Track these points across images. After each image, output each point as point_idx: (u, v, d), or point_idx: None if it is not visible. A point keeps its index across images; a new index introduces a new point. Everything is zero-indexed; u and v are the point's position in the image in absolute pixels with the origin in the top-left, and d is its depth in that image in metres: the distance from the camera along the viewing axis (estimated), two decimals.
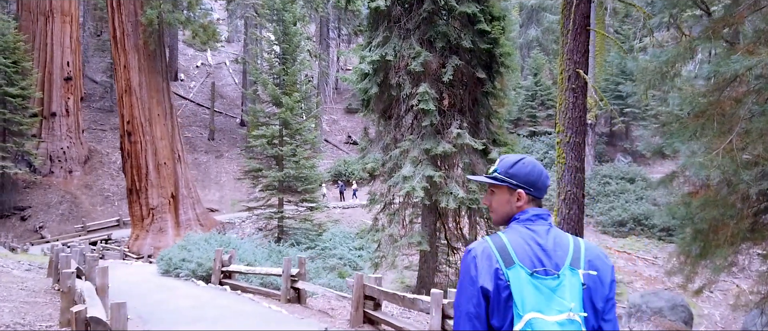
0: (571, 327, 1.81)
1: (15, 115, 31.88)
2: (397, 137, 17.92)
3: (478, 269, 1.92)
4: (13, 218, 32.87)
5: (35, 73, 34.65)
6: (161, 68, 26.03)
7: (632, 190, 29.31)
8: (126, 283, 10.60)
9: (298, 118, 25.37)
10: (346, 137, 45.52)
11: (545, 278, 1.86)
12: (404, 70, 16.96)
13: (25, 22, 37.03)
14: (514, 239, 1.95)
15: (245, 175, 26.08)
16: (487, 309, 1.90)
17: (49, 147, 36.27)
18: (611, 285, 1.98)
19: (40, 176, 35.19)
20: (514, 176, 2.09)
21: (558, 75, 13.27)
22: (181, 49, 56.81)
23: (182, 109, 47.79)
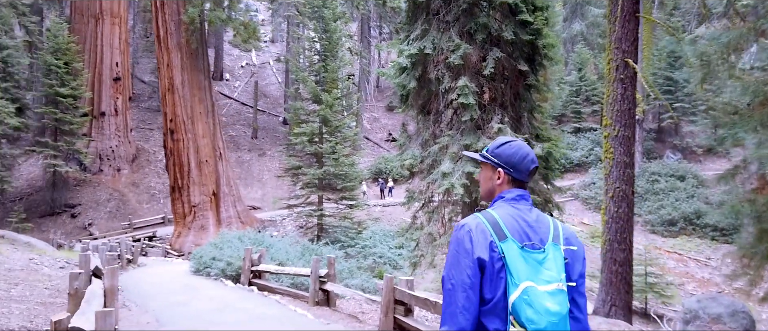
0: (560, 296, 1.95)
1: (66, 115, 32.71)
2: (436, 133, 17.45)
3: (473, 242, 2.01)
4: (63, 215, 33.78)
5: (86, 73, 35.55)
6: (203, 67, 26.22)
7: (682, 187, 28.09)
8: (153, 283, 10.48)
9: (337, 116, 25.15)
10: (387, 135, 45.21)
11: (533, 251, 2.00)
12: (443, 63, 16.47)
13: (77, 24, 38.11)
14: (503, 216, 2.07)
15: (286, 172, 26.04)
16: (481, 280, 2.00)
17: (98, 146, 37.18)
18: (583, 262, 2.15)
19: (89, 174, 36.09)
20: (497, 155, 2.24)
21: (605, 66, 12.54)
22: (227, 50, 57.57)
23: (227, 108, 48.38)
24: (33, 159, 35.86)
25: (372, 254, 22.75)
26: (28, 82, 34.37)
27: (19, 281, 8.46)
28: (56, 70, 32.30)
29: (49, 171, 33.64)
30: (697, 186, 28.08)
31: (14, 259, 11.35)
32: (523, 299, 1.92)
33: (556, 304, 1.94)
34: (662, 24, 15.00)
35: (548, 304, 1.92)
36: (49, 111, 32.04)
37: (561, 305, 1.95)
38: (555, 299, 1.94)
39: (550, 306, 1.92)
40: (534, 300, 1.91)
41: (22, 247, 16.62)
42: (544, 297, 1.93)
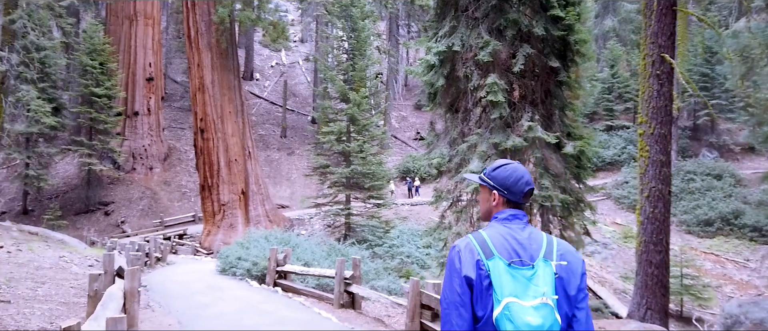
0: (544, 310, 1.99)
1: (100, 114, 33.32)
2: (465, 131, 17.18)
3: (461, 261, 2.13)
4: (97, 213, 34.40)
5: (120, 73, 36.16)
6: (233, 66, 26.39)
7: (719, 187, 27.29)
8: (179, 282, 10.47)
9: (365, 114, 25.02)
10: (415, 133, 44.98)
11: (521, 268, 2.06)
12: (472, 60, 16.21)
13: (112, 25, 38.85)
14: (493, 235, 2.17)
15: (314, 171, 26.03)
16: (471, 298, 2.10)
17: (131, 145, 37.79)
18: (582, 276, 2.18)
19: (123, 172, 36.71)
20: (493, 178, 2.32)
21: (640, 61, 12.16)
22: (257, 50, 58.06)
23: (256, 107, 48.73)
24: (69, 158, 36.61)
25: (399, 253, 22.55)
26: (65, 82, 35.08)
27: (47, 279, 8.53)
28: (92, 70, 32.91)
29: (84, 169, 34.31)
30: (734, 185, 27.26)
31: (45, 257, 11.50)
32: (505, 315, 2.00)
33: (539, 317, 1.99)
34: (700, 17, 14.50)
35: (529, 318, 1.98)
36: (85, 110, 32.67)
37: (545, 318, 2.00)
38: (538, 312, 1.99)
39: (530, 320, 1.98)
40: (514, 315, 1.98)
41: (55, 244, 16.90)
42: (527, 312, 1.99)
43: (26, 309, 6.00)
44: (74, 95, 34.10)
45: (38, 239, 17.53)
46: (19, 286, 7.56)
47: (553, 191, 15.10)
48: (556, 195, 14.91)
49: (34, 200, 34.40)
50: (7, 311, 5.75)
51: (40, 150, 30.53)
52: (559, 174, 15.74)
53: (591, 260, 23.42)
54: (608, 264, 23.18)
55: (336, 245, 12.39)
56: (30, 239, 16.39)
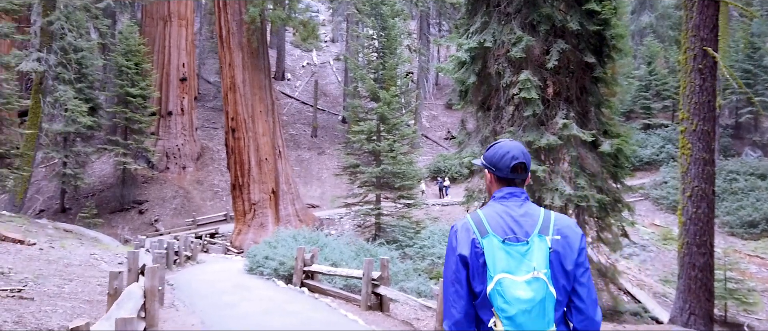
0: (536, 284, 2.02)
1: (135, 114, 33.78)
2: (497, 130, 16.82)
3: (458, 241, 2.19)
4: (132, 211, 34.91)
5: (154, 74, 36.64)
6: (264, 66, 26.45)
7: (764, 187, 26.30)
8: (206, 281, 10.39)
9: (395, 113, 24.80)
10: (446, 133, 44.56)
11: (516, 244, 2.10)
12: (504, 57, 15.85)
13: (147, 27, 39.43)
14: (489, 213, 2.22)
15: (344, 171, 25.92)
16: (467, 275, 2.16)
17: (165, 144, 38.27)
18: (581, 251, 2.20)
19: (156, 171, 37.21)
20: (485, 158, 2.39)
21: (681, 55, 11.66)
22: (288, 50, 58.36)
23: (288, 107, 48.94)
24: (105, 157, 37.24)
25: (430, 254, 22.26)
26: (101, 83, 35.69)
27: (75, 276, 8.52)
28: (127, 71, 33.41)
29: (119, 169, 34.86)
30: None
31: (77, 254, 11.57)
32: (497, 290, 2.04)
33: (530, 291, 2.01)
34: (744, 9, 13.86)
35: (520, 292, 2.01)
36: (120, 110, 33.17)
37: (536, 291, 2.02)
38: (530, 286, 2.02)
39: (521, 294, 2.01)
40: (506, 290, 2.02)
41: (88, 242, 17.09)
42: (518, 286, 2.02)
43: (48, 307, 5.95)
44: (110, 95, 34.65)
45: (72, 236, 17.76)
46: (46, 283, 7.54)
47: (589, 190, 14.66)
48: (592, 195, 14.46)
49: (72, 199, 35.09)
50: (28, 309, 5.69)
51: (77, 149, 31.06)
52: (595, 173, 15.27)
53: (629, 262, 22.78)
54: (647, 267, 22.51)
55: (365, 245, 12.15)
56: (64, 237, 16.61)
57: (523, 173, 2.34)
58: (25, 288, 6.66)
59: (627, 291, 18.85)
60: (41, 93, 26.03)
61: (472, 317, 2.19)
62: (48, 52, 25.47)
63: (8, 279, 7.19)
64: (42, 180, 36.60)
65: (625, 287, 18.77)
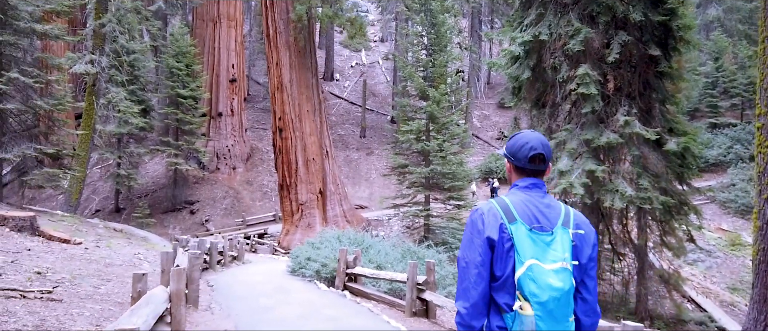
0: (564, 274, 2.14)
1: (186, 115, 34.18)
2: (553, 128, 15.99)
3: (485, 224, 2.26)
4: (183, 211, 35.36)
5: (204, 75, 37.04)
6: (311, 65, 26.21)
7: None
8: (246, 283, 10.03)
9: (445, 112, 24.16)
10: (498, 133, 43.47)
11: (541, 233, 2.21)
12: (561, 50, 15.01)
13: (198, 28, 39.95)
14: (515, 201, 2.30)
15: (392, 171, 25.46)
16: (491, 258, 2.23)
17: (215, 145, 38.66)
18: (594, 247, 2.31)
19: (207, 172, 37.60)
20: (506, 148, 2.50)
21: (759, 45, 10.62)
22: (337, 50, 58.42)
23: (336, 107, 48.85)
24: (158, 158, 37.91)
25: None
26: (154, 85, 36.30)
27: (113, 277, 8.30)
28: (177, 72, 33.85)
29: (171, 169, 35.36)
30: None
31: (121, 254, 11.44)
32: (528, 275, 2.10)
33: (559, 280, 2.10)
34: None
35: (551, 280, 2.09)
36: (171, 112, 33.62)
37: (564, 281, 2.11)
38: (558, 276, 2.11)
39: (552, 282, 2.09)
40: (538, 276, 2.09)
41: (136, 241, 17.13)
42: (548, 274, 2.10)
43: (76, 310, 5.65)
44: (162, 97, 35.18)
45: (121, 236, 17.85)
46: (82, 283, 7.30)
47: (652, 192, 13.69)
48: (655, 197, 13.49)
49: (126, 199, 35.83)
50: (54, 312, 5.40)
51: (130, 150, 31.62)
52: (659, 174, 14.26)
53: (694, 269, 21.48)
54: (713, 274, 21.15)
55: (411, 247, 11.59)
56: (113, 236, 16.68)
57: (542, 164, 2.41)
58: (56, 289, 6.40)
59: (691, 299, 17.76)
60: (94, 95, 26.51)
61: (488, 300, 2.24)
62: (100, 55, 25.90)
63: (44, 279, 6.97)
64: (98, 181, 37.54)
65: (689, 295, 17.70)
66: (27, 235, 10.85)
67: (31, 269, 7.39)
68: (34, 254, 8.80)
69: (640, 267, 15.34)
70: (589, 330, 2.32)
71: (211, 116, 38.74)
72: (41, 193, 36.64)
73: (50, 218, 17.23)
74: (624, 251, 16.10)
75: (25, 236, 10.67)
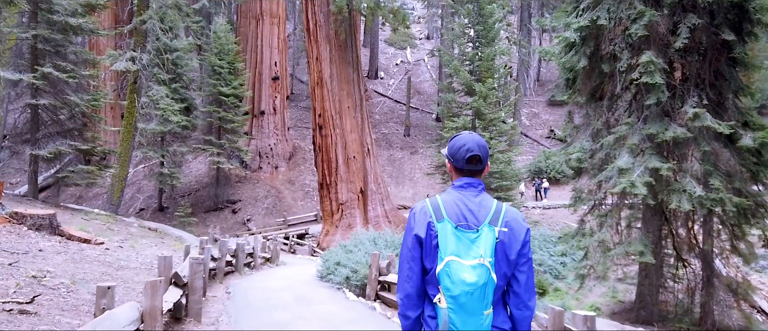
0: (480, 269, 2.25)
1: (228, 114, 33.88)
2: (610, 122, 14.60)
3: (415, 222, 2.42)
4: (225, 211, 35.08)
5: (246, 73, 36.70)
6: (352, 59, 25.31)
7: None
8: (268, 290, 9.09)
9: (492, 108, 22.91)
10: (548, 131, 41.74)
11: (467, 231, 2.33)
12: (621, 36, 13.65)
13: (241, 26, 39.72)
14: (446, 200, 2.44)
15: (436, 170, 24.39)
16: (421, 253, 2.39)
17: (257, 144, 38.29)
18: (524, 244, 2.44)
19: (249, 171, 37.24)
20: (447, 150, 2.59)
21: None
22: (382, 48, 57.69)
23: (380, 106, 48.01)
24: (201, 157, 37.79)
25: None
26: (198, 83, 36.18)
27: (121, 281, 7.55)
28: (220, 70, 33.58)
29: (214, 168, 35.14)
30: None
31: (142, 255, 10.78)
32: (445, 271, 2.27)
33: (474, 276, 2.24)
34: None
35: (465, 275, 2.24)
36: (214, 110, 33.37)
37: (479, 277, 2.24)
38: (475, 271, 2.24)
39: (466, 277, 2.23)
40: (453, 272, 2.25)
41: (169, 241, 16.59)
42: (464, 270, 2.24)
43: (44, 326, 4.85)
44: (205, 95, 34.98)
45: (154, 235, 17.35)
46: (80, 290, 6.55)
47: (724, 192, 12.21)
48: (728, 198, 12.05)
49: (169, 198, 35.81)
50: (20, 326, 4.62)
51: (173, 149, 31.45)
52: (732, 173, 12.75)
53: (764, 276, 19.64)
54: None
55: None
56: (145, 235, 16.18)
57: (479, 165, 2.50)
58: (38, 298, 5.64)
59: (761, 310, 16.19)
60: (136, 93, 26.33)
61: (422, 292, 2.41)
62: (141, 52, 25.67)
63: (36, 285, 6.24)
64: (142, 179, 37.67)
65: (759, 305, 16.15)
66: (45, 234, 10.28)
67: (28, 273, 6.70)
68: (42, 256, 8.16)
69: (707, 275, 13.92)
70: (521, 323, 2.43)
71: (253, 115, 38.41)
72: (88, 191, 37.06)
73: (84, 216, 16.87)
74: (688, 257, 14.69)
75: (43, 235, 10.10)
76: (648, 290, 14.20)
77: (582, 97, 15.05)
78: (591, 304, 18.95)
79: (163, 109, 25.92)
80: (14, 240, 8.98)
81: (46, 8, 16.66)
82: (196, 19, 32.33)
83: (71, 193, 36.92)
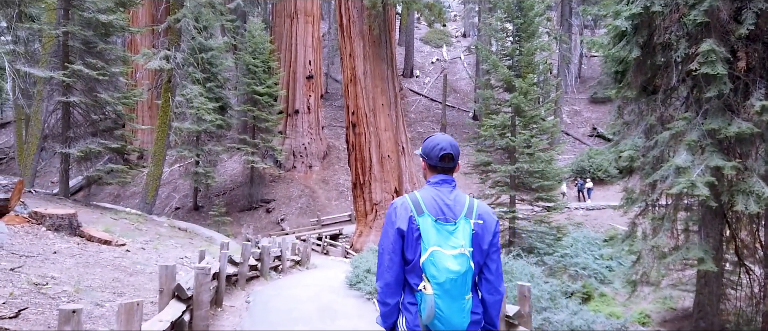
0: (461, 258, 2.48)
1: (262, 113, 33.55)
2: (665, 117, 13.54)
3: (397, 216, 2.60)
4: (259, 210, 34.78)
5: (280, 72, 36.34)
6: (386, 56, 24.54)
7: None
8: (291, 299, 8.33)
9: (533, 105, 21.86)
10: (590, 130, 40.23)
11: (445, 224, 2.55)
12: (677, 24, 12.59)
13: (276, 25, 39.40)
14: (424, 196, 2.65)
15: (474, 169, 23.38)
16: (402, 246, 2.58)
17: (291, 143, 37.90)
18: (495, 234, 2.67)
19: (283, 170, 36.87)
20: (422, 148, 2.83)
21: None
22: (418, 47, 56.86)
23: (415, 104, 47.20)
24: (236, 156, 37.59)
25: (573, 264, 19.38)
26: (234, 82, 35.97)
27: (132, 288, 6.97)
28: (254, 69, 33.29)
29: (248, 167, 34.88)
30: None
31: (164, 257, 10.25)
32: (430, 260, 2.46)
33: (457, 264, 2.45)
34: None
35: (449, 264, 2.44)
36: (248, 109, 33.09)
37: (461, 265, 2.46)
38: (457, 260, 2.46)
39: (450, 266, 2.44)
40: (437, 261, 2.45)
41: (198, 242, 16.13)
42: (447, 259, 2.45)
43: None
44: (240, 95, 34.75)
45: (183, 235, 16.92)
46: (84, 298, 5.97)
47: None
48: None
49: (204, 197, 35.70)
50: None
51: (208, 148, 31.26)
52: None
53: None
54: None
55: None
56: (174, 236, 15.74)
57: (451, 162, 2.73)
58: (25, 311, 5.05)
59: None
60: (170, 91, 26.12)
61: (401, 281, 2.62)
62: (175, 51, 25.43)
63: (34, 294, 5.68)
64: (178, 178, 37.67)
65: None
66: (64, 235, 9.82)
67: (30, 279, 6.15)
68: (53, 259, 7.65)
69: None
70: (493, 306, 2.68)
71: (287, 114, 38.04)
72: (126, 190, 37.27)
73: (113, 215, 16.54)
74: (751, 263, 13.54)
75: (62, 236, 9.64)
76: (708, 299, 13.10)
77: (632, 92, 13.99)
78: (640, 311, 17.81)
79: (196, 108, 25.61)
80: (29, 242, 8.51)
81: (77, 5, 16.38)
82: (230, 18, 32.07)
83: (109, 192, 37.16)
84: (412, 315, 2.54)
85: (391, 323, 2.63)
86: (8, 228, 9.18)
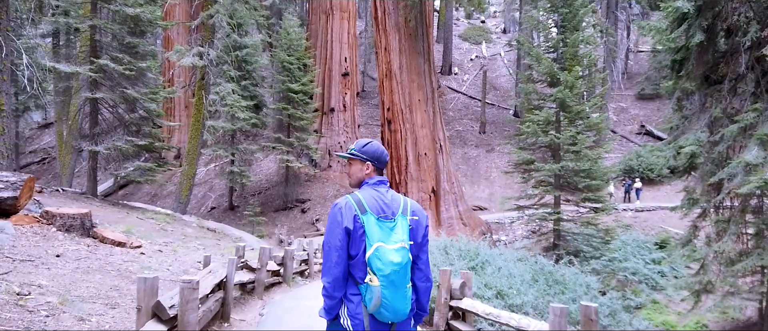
0: (402, 251, 2.76)
1: (297, 111, 32.94)
2: (731, 109, 12.25)
3: (343, 216, 2.82)
4: (294, 210, 34.15)
5: (316, 69, 35.70)
6: (423, 49, 23.55)
7: None
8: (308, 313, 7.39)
9: (578, 100, 20.59)
10: (639, 127, 38.38)
11: (386, 221, 2.82)
12: (746, 4, 11.32)
13: (312, 22, 38.82)
14: (366, 196, 2.90)
15: (515, 168, 22.22)
16: (347, 243, 2.80)
17: (327, 142, 37.21)
18: (426, 229, 3.00)
19: (318, 170, 36.19)
20: (365, 152, 3.07)
21: None
22: (456, 44, 55.68)
23: (454, 102, 46.05)
24: (271, 155, 37.09)
25: (622, 268, 18.19)
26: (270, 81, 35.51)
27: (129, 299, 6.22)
28: (289, 66, 32.69)
29: (283, 167, 34.31)
30: None
31: (179, 262, 9.54)
32: (375, 255, 2.71)
33: (399, 257, 2.72)
34: None
35: (392, 257, 2.71)
36: (283, 107, 32.51)
37: (402, 257, 2.73)
38: (399, 253, 2.73)
39: (393, 259, 2.70)
40: (382, 255, 2.70)
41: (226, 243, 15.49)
42: (390, 253, 2.71)
43: None
44: (275, 92, 34.23)
45: (211, 236, 16.32)
46: (67, 311, 5.22)
47: None
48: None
49: (239, 196, 35.29)
50: None
51: (243, 147, 30.82)
52: None
53: None
54: None
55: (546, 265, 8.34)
56: (201, 236, 15.14)
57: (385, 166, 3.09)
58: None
59: None
60: (204, 89, 25.70)
61: (347, 275, 2.82)
62: (209, 48, 24.99)
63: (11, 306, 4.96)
64: (214, 178, 37.40)
65: None
66: (75, 235, 9.20)
67: (12, 288, 5.45)
68: (52, 263, 6.98)
69: None
70: (424, 293, 2.99)
71: (322, 112, 37.37)
72: (162, 190, 37.23)
73: (140, 215, 16.04)
74: None
75: (72, 237, 9.02)
76: None
77: (692, 82, 12.70)
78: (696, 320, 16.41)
79: (229, 105, 25.11)
80: (33, 243, 7.88)
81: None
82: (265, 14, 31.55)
83: (147, 191, 37.18)
84: (354, 304, 2.78)
85: (335, 314, 2.83)
86: (15, 228, 8.60)
